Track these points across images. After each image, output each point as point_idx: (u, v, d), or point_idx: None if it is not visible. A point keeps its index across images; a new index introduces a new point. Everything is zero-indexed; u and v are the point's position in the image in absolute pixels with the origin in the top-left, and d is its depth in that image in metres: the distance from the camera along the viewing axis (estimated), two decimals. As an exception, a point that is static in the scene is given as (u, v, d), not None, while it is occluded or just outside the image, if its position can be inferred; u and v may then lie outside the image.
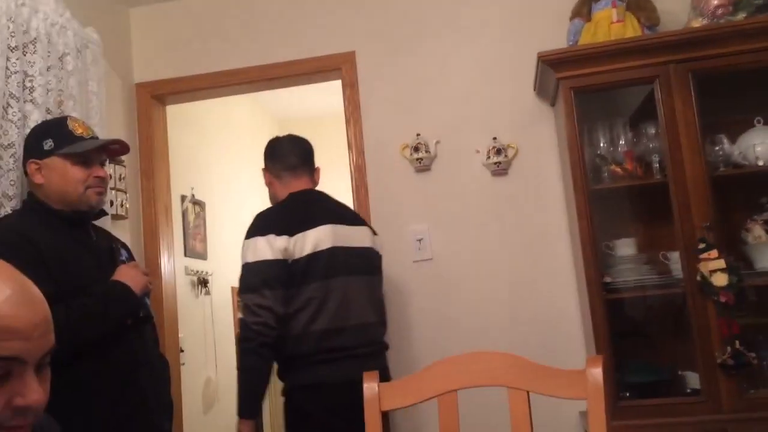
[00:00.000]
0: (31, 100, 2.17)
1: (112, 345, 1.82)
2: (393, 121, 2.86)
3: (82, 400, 1.73)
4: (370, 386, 1.46)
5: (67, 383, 1.68)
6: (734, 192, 2.45)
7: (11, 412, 0.85)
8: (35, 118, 2.15)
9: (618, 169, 2.44)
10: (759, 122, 2.38)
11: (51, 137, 1.91)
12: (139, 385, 1.88)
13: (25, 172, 1.94)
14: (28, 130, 2.13)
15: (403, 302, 2.77)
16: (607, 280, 2.34)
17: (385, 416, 1.49)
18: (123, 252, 2.06)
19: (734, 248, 2.32)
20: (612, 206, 2.56)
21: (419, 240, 2.77)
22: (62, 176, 1.88)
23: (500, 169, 2.74)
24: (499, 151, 2.73)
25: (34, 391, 0.86)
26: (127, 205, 2.79)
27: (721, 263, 2.14)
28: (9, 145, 2.09)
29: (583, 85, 2.36)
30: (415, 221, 2.80)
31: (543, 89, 2.66)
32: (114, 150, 2.06)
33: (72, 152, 1.88)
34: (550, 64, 2.38)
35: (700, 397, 2.18)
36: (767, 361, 2.29)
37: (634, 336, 2.50)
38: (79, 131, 1.93)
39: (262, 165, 2.46)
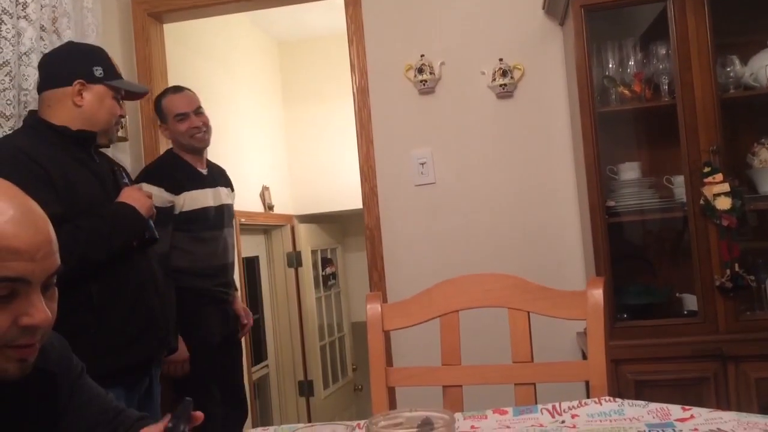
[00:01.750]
0: (24, 17, 2.12)
1: (119, 265, 1.86)
2: (397, 42, 2.78)
3: (92, 320, 1.77)
4: (373, 306, 1.49)
5: (77, 303, 1.73)
6: (743, 115, 2.41)
7: (18, 330, 0.86)
8: (29, 35, 2.11)
9: (626, 91, 2.40)
10: (773, 43, 2.32)
11: (101, 66, 1.97)
12: (148, 304, 1.92)
13: (45, 87, 1.93)
14: (22, 48, 2.09)
15: (404, 226, 2.78)
16: (610, 203, 2.34)
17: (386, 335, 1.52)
18: (124, 175, 2.07)
19: (739, 172, 2.31)
20: (618, 129, 2.53)
21: (422, 164, 2.75)
22: (102, 105, 1.96)
23: (506, 92, 2.69)
24: (504, 73, 2.67)
25: (41, 311, 0.87)
26: (127, 127, 2.76)
27: (725, 187, 2.13)
28: (4, 63, 2.05)
29: (594, 2, 2.29)
30: (418, 145, 2.77)
31: (552, 7, 2.58)
32: (141, 95, 2.21)
33: (119, 86, 1.98)
34: (560, -20, 2.30)
35: (696, 318, 2.22)
36: (765, 284, 2.31)
37: (635, 259, 2.52)
38: (119, 69, 2.05)
39: (265, 86, 2.50)
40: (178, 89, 2.74)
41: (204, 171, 2.74)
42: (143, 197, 1.94)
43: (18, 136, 1.89)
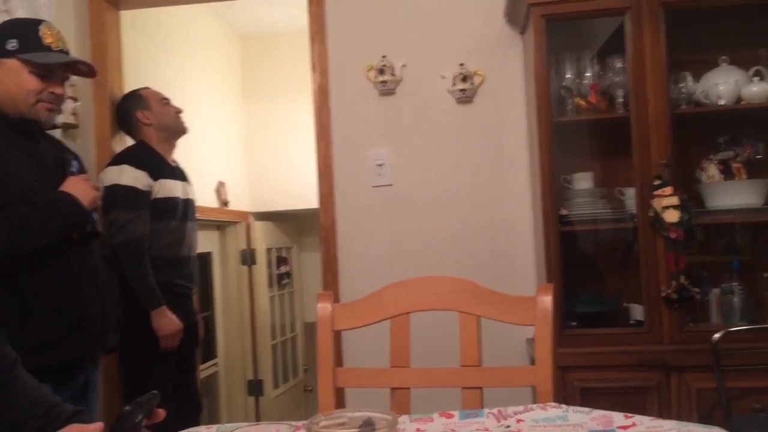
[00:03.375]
0: (-27, -5, 2.03)
1: (56, 258, 1.78)
2: (359, 42, 2.77)
3: (23, 310, 1.70)
4: (324, 306, 1.47)
5: (9, 293, 1.65)
6: (693, 130, 2.47)
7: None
8: (-22, 13, 2.03)
9: (582, 102, 2.43)
10: (725, 61, 2.38)
11: (17, 38, 1.81)
12: (84, 300, 1.85)
13: None
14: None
15: (361, 227, 2.76)
16: (563, 212, 2.37)
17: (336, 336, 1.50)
18: (74, 163, 1.98)
19: (688, 186, 2.36)
20: (573, 139, 2.57)
21: (380, 165, 2.75)
22: (16, 81, 1.79)
23: (465, 96, 2.71)
24: (465, 78, 2.69)
25: None
26: (79, 114, 2.67)
27: (674, 200, 2.18)
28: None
29: (554, 12, 2.32)
30: (377, 146, 2.76)
31: (513, 16, 2.61)
32: (79, 70, 1.96)
33: (33, 60, 1.78)
34: (523, -11, 2.32)
35: (642, 328, 2.27)
36: (709, 296, 2.38)
37: (585, 268, 2.56)
38: (48, 40, 1.83)
39: (225, 81, 2.51)
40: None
41: (173, 164, 2.77)
42: (88, 188, 1.86)
43: None
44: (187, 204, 2.79)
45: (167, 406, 2.43)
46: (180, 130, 2.83)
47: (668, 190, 2.20)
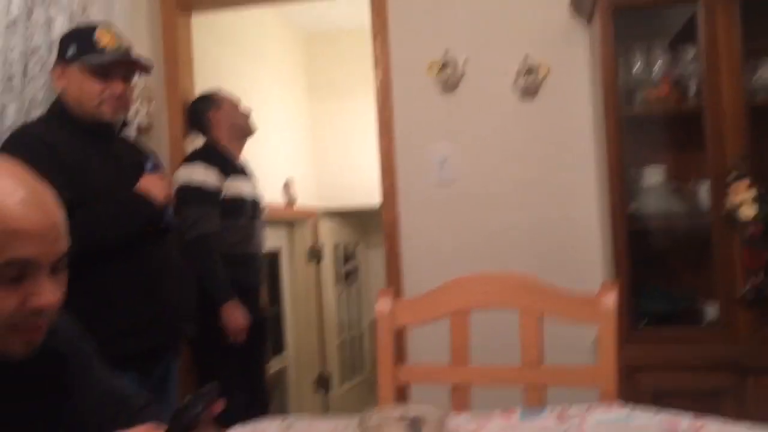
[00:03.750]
0: (55, 4, 2.14)
1: (133, 252, 1.87)
2: (421, 37, 2.77)
3: (105, 302, 1.79)
4: (384, 302, 1.48)
5: (91, 286, 1.75)
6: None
7: (26, 312, 0.87)
8: (60, 21, 2.13)
9: (652, 94, 2.35)
10: (807, 48, 2.25)
11: (76, 44, 1.90)
12: (162, 292, 1.93)
13: None
14: (54, 35, 2.11)
15: (423, 223, 2.76)
16: (632, 208, 2.30)
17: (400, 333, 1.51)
18: (149, 162, 2.07)
19: (766, 180, 2.25)
20: (643, 133, 2.48)
21: (443, 161, 2.74)
22: (79, 86, 1.88)
23: (529, 91, 2.66)
24: (529, 71, 2.64)
25: (49, 293, 0.88)
26: (152, 116, 2.79)
27: (751, 194, 2.08)
28: (34, 50, 2.09)
29: (622, 1, 2.25)
30: (440, 142, 2.75)
31: (579, 5, 2.55)
32: (138, 67, 2.03)
33: (89, 63, 1.86)
34: (588, -22, 2.27)
35: (717, 328, 2.18)
36: (790, 295, 2.26)
37: (656, 265, 2.48)
38: (104, 41, 1.90)
39: (291, 79, 2.56)
40: None
41: (241, 163, 2.87)
42: (162, 185, 1.94)
43: (39, 123, 1.92)
44: (255, 203, 2.87)
45: (238, 396, 2.53)
46: (249, 131, 2.92)
47: (744, 183, 2.10)
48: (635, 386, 2.11)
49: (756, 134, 2.17)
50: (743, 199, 2.09)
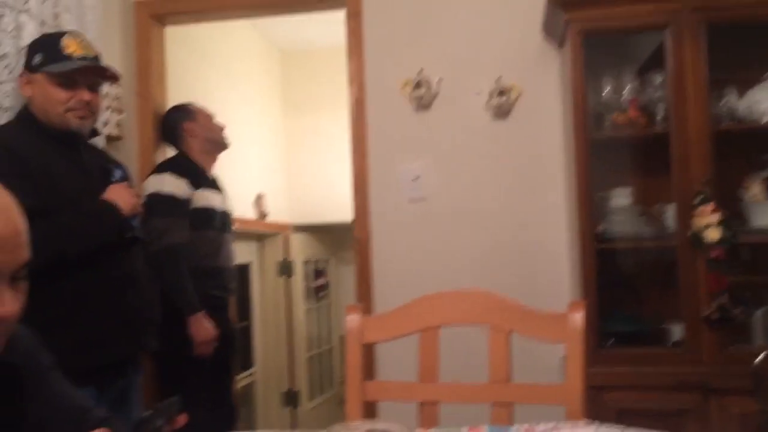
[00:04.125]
0: (26, 11, 2.12)
1: (98, 262, 1.83)
2: (396, 56, 2.79)
3: (64, 315, 1.75)
4: (353, 318, 1.48)
5: (50, 298, 1.71)
6: (736, 148, 2.41)
7: (-17, 322, 0.85)
8: (30, 29, 2.11)
9: (621, 118, 2.40)
10: (769, 78, 2.32)
11: (42, 52, 1.88)
12: (125, 303, 1.90)
13: None
14: (23, 42, 2.08)
15: (395, 240, 2.77)
16: (600, 229, 2.34)
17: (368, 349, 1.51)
18: (116, 172, 2.04)
19: (730, 205, 2.30)
20: (611, 156, 2.53)
21: (415, 179, 2.75)
22: (44, 94, 1.86)
23: (501, 111, 2.70)
24: (501, 93, 2.68)
25: (7, 303, 0.86)
26: (123, 126, 2.76)
27: (716, 218, 2.13)
28: (3, 56, 2.06)
29: (592, 27, 2.30)
30: (412, 159, 2.77)
31: (551, 30, 2.59)
32: (106, 74, 2.01)
33: (55, 71, 1.84)
34: (560, 3, 2.31)
35: (681, 349, 2.21)
36: (753, 317, 2.30)
37: (622, 286, 2.51)
38: (70, 49, 1.87)
39: (265, 94, 2.54)
40: None
41: (211, 176, 2.85)
42: (128, 195, 1.92)
43: (5, 128, 1.89)
44: (225, 215, 2.85)
45: (204, 411, 2.48)
46: (223, 145, 2.91)
47: (709, 207, 2.15)
48: (601, 405, 2.13)
49: (721, 159, 2.23)
50: (708, 223, 2.14)
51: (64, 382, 1.13)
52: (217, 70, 3.99)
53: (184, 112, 2.87)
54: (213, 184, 2.83)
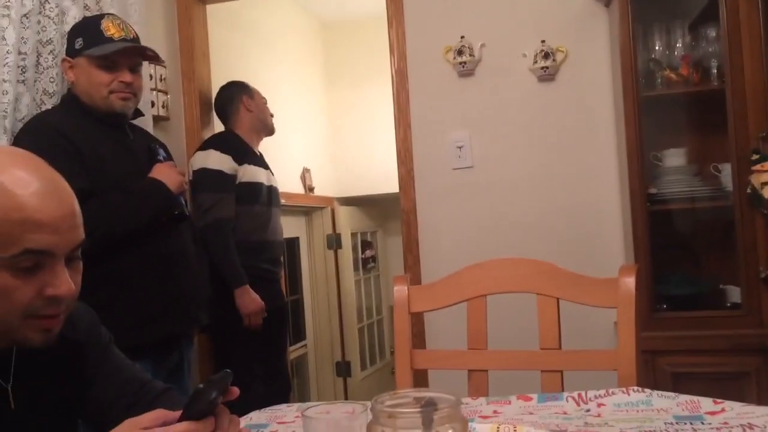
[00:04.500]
0: (68, -5, 2.15)
1: (148, 241, 1.88)
2: (436, 23, 2.74)
3: (118, 293, 1.80)
4: (400, 289, 1.48)
5: (105, 276, 1.76)
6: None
7: (43, 301, 0.88)
8: (73, 14, 2.14)
9: (673, 75, 2.31)
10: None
11: (82, 36, 1.91)
12: (176, 281, 1.94)
13: None
14: (66, 27, 2.12)
15: (441, 210, 2.75)
16: (653, 191, 2.28)
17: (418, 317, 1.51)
18: (161, 151, 2.08)
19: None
20: (664, 115, 2.45)
21: (460, 147, 2.72)
22: (87, 78, 1.89)
23: (547, 74, 2.63)
24: (546, 55, 2.61)
25: (65, 282, 0.89)
26: (169, 106, 2.80)
27: (775, 175, 2.05)
28: (48, 41, 2.10)
29: (641, -18, 2.21)
30: (457, 128, 2.74)
31: (597, -12, 2.51)
32: (147, 54, 2.03)
33: (96, 54, 1.87)
34: (606, -41, 2.23)
35: (739, 311, 2.15)
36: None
37: (677, 248, 2.45)
38: (110, 32, 1.90)
39: (307, 68, 2.57)
40: None
41: (257, 153, 2.89)
42: (174, 174, 1.95)
43: (52, 113, 1.93)
44: (272, 190, 2.88)
45: (255, 386, 2.55)
46: (271, 129, 2.97)
47: (767, 165, 2.06)
48: (656, 370, 2.10)
49: (779, 114, 2.13)
50: (766, 181, 2.05)
51: (122, 356, 1.17)
52: (259, 46, 4.00)
53: (243, 87, 2.93)
54: (259, 161, 2.86)
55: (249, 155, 2.80)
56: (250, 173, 2.75)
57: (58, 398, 1.02)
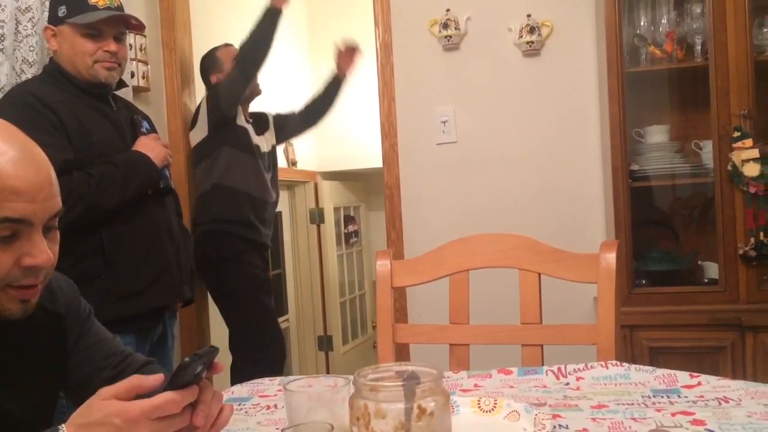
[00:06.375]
0: (48, -38, 2.09)
1: (132, 213, 1.86)
2: (422, -5, 2.72)
3: (102, 266, 1.79)
4: (383, 263, 1.48)
5: (88, 249, 1.74)
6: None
7: (21, 271, 0.87)
8: (52, -20, 2.08)
9: (657, 51, 2.32)
10: (815, 3, 2.21)
11: (66, 3, 1.86)
12: (161, 253, 1.93)
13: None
14: (46, -6, 2.07)
15: (425, 185, 2.75)
16: (635, 167, 2.29)
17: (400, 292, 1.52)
18: (144, 123, 2.05)
19: (771, 138, 2.23)
20: (647, 91, 2.45)
21: (444, 122, 2.71)
22: (71, 47, 1.84)
23: (532, 49, 2.62)
24: (532, 30, 2.60)
25: (43, 251, 0.87)
26: (150, 77, 2.75)
27: (755, 153, 2.07)
28: (26, 9, 2.04)
29: (626, -43, 2.20)
30: (441, 102, 2.72)
31: (583, -38, 2.49)
32: (131, 23, 1.99)
33: (81, 23, 1.82)
34: (593, -68, 2.21)
35: (717, 287, 2.18)
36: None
37: (657, 225, 2.47)
38: (94, 0, 1.86)
39: (291, 39, 2.62)
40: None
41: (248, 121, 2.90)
42: (159, 146, 1.93)
43: (34, 82, 1.89)
44: (271, 155, 2.95)
45: (249, 351, 2.62)
46: (254, 92, 2.92)
47: (748, 142, 2.08)
48: (634, 344, 2.13)
49: (761, 92, 2.14)
50: (747, 157, 2.07)
51: (103, 329, 1.16)
52: (242, 15, 3.92)
53: (212, 60, 2.90)
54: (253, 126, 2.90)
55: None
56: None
57: (38, 370, 1.01)
